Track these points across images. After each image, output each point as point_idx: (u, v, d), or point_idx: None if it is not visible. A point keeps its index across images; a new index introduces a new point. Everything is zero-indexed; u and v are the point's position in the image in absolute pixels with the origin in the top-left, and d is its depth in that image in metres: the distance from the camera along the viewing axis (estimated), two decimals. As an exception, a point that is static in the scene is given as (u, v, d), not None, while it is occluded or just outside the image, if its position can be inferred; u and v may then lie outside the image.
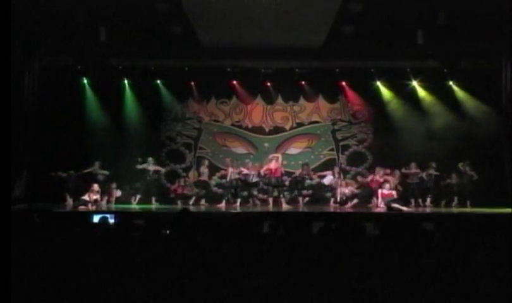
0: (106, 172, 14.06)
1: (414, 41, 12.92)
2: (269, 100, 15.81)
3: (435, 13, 12.07)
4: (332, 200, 14.08)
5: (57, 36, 13.44)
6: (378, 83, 15.22)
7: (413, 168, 14.07)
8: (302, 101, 15.85)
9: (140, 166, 14.19)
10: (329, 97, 15.79)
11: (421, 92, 15.04)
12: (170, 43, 13.85)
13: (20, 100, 13.39)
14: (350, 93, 15.56)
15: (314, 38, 13.49)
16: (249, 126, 15.83)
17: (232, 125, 15.86)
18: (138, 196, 14.09)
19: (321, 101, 15.83)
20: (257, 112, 15.87)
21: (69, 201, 13.60)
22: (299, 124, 15.86)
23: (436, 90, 15.00)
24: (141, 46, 14.10)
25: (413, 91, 15.12)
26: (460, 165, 13.95)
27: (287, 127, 15.89)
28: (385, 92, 15.27)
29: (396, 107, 15.23)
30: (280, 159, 14.36)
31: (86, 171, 14.01)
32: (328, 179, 14.38)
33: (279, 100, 15.87)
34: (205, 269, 3.76)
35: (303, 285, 3.58)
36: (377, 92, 15.31)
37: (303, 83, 15.40)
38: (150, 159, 14.26)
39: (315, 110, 15.85)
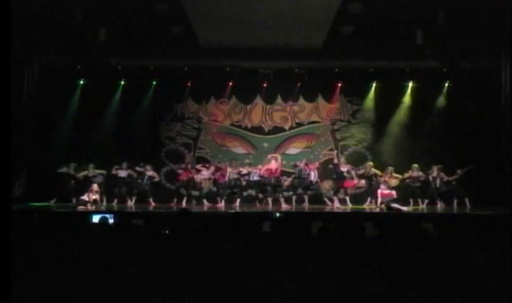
0: (103, 172, 14.03)
1: (413, 41, 12.94)
2: (268, 100, 15.81)
3: (435, 13, 12.08)
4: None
5: (56, 36, 13.46)
6: (378, 83, 15.24)
7: (415, 171, 14.03)
8: (301, 101, 15.85)
9: (138, 169, 14.14)
10: (328, 97, 15.78)
11: (420, 92, 15.04)
12: (169, 43, 13.86)
13: (19, 100, 13.40)
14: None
15: (313, 38, 13.49)
16: (249, 126, 15.83)
17: (232, 125, 15.87)
18: (134, 198, 14.03)
19: (320, 101, 15.83)
20: (256, 112, 15.88)
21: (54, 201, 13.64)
22: (299, 124, 15.86)
23: (435, 90, 15.02)
24: (140, 46, 14.11)
25: (412, 91, 15.13)
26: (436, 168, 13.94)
27: (287, 127, 15.89)
28: (384, 92, 15.28)
29: (395, 107, 15.25)
30: (279, 159, 14.37)
31: (81, 174, 13.93)
32: (313, 175, 14.29)
33: (279, 100, 15.87)
34: (204, 269, 3.76)
35: (303, 285, 3.57)
36: (376, 92, 15.33)
37: (302, 83, 15.38)
38: (148, 167, 14.17)
39: (314, 110, 15.86)
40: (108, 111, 15.14)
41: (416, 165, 14.07)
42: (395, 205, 12.66)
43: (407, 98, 15.20)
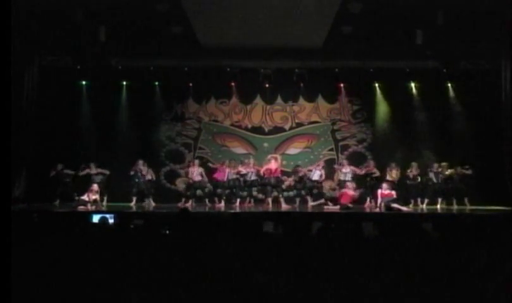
0: (106, 172, 14.02)
1: (413, 41, 12.94)
2: (269, 100, 15.80)
3: (435, 13, 12.08)
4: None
5: (56, 36, 13.46)
6: (378, 83, 15.25)
7: (414, 169, 14.00)
8: (301, 101, 15.82)
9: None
10: (329, 97, 15.78)
11: (421, 92, 15.04)
12: (169, 43, 13.86)
13: (20, 100, 13.40)
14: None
15: (314, 38, 13.49)
16: (249, 126, 15.82)
17: (232, 125, 15.85)
18: (135, 198, 14.00)
19: (320, 101, 15.82)
20: (257, 112, 15.86)
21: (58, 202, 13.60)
22: (299, 124, 15.84)
23: (435, 90, 15.02)
24: (140, 46, 14.11)
25: (413, 91, 15.13)
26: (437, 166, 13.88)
27: (287, 127, 15.88)
28: (384, 92, 15.29)
29: (395, 107, 15.25)
30: (279, 159, 14.36)
31: (82, 173, 13.94)
32: (316, 174, 14.27)
33: (279, 100, 15.85)
34: (204, 269, 3.76)
35: (302, 285, 3.57)
36: (377, 92, 15.34)
37: (303, 83, 15.37)
38: (140, 161, 14.03)
39: (314, 110, 15.84)
40: (108, 111, 15.13)
41: (415, 163, 14.04)
42: (395, 205, 12.65)
43: (407, 98, 15.19)
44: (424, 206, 13.74)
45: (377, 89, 15.35)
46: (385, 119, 15.30)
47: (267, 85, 15.40)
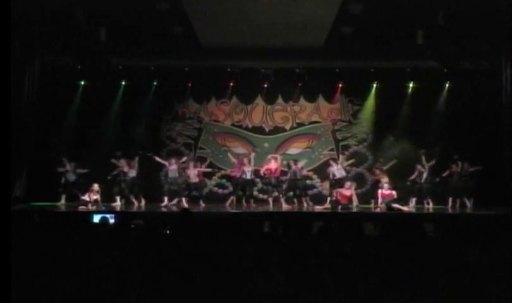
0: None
1: (414, 41, 12.93)
2: (269, 100, 15.80)
3: (435, 13, 12.08)
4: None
5: (57, 36, 13.47)
6: (378, 83, 15.24)
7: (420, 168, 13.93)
8: (302, 101, 15.83)
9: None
10: (329, 97, 15.78)
11: (421, 92, 15.03)
12: (170, 43, 13.87)
13: (20, 100, 13.41)
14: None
15: (314, 38, 13.49)
16: (250, 126, 15.83)
17: (233, 125, 15.86)
18: (118, 197, 13.94)
19: (321, 102, 15.82)
20: (257, 112, 15.86)
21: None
22: (300, 124, 15.84)
23: (436, 90, 15.02)
24: (141, 46, 14.12)
25: (413, 91, 15.13)
26: (455, 165, 13.86)
27: (287, 127, 15.88)
28: (384, 92, 15.28)
29: (395, 107, 15.24)
30: (279, 159, 14.37)
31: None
32: (338, 172, 14.18)
33: (279, 100, 15.86)
34: (205, 269, 3.76)
35: (303, 285, 3.58)
36: (377, 92, 15.34)
37: (303, 83, 15.37)
38: (122, 160, 13.99)
39: (315, 110, 15.84)
40: (109, 111, 15.14)
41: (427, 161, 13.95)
42: (395, 205, 12.66)
43: (407, 98, 15.19)
44: (430, 206, 13.68)
45: (378, 89, 15.34)
46: (385, 119, 15.28)
47: (266, 85, 15.41)
